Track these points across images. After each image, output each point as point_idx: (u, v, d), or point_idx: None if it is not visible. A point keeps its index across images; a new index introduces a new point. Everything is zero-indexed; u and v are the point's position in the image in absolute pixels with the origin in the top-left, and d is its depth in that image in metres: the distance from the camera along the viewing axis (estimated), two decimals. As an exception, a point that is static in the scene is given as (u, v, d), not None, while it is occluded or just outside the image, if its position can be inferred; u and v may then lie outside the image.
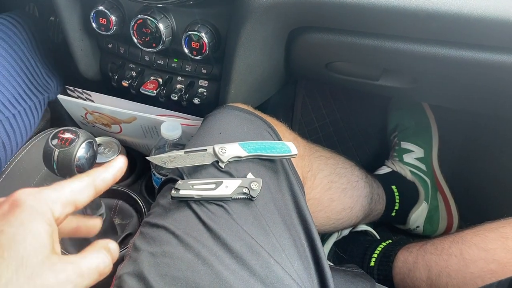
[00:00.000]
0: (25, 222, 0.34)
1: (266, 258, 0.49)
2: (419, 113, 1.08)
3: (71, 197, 0.38)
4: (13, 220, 0.34)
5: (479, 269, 0.63)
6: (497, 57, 0.55)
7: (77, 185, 0.39)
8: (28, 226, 0.34)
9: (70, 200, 0.38)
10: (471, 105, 0.81)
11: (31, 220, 0.34)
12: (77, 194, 0.39)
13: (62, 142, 0.50)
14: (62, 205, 0.37)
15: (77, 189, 0.39)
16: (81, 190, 0.40)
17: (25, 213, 0.34)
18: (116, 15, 0.69)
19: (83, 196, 0.40)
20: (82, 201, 0.39)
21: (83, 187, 0.40)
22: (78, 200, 0.39)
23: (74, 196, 0.39)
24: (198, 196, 0.51)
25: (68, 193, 0.38)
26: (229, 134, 0.60)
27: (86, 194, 0.40)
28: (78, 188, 0.39)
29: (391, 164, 1.01)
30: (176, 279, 0.46)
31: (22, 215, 0.34)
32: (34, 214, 0.35)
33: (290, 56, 0.72)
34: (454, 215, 1.01)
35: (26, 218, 0.34)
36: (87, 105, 0.81)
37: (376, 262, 0.81)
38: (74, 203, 0.38)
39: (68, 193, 0.38)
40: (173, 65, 0.74)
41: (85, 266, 0.36)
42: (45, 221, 0.35)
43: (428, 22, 0.53)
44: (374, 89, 0.79)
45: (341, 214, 0.79)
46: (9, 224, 0.33)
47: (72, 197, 0.38)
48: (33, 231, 0.34)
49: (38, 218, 0.35)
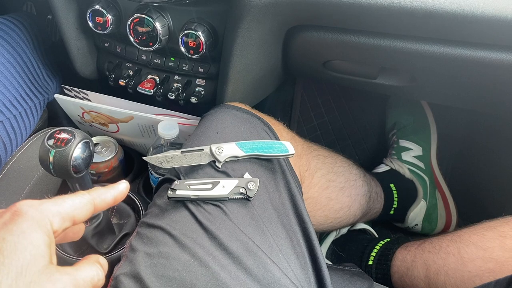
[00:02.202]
0: (26, 231, 0.35)
1: (263, 258, 0.49)
2: (417, 111, 1.08)
3: (70, 212, 0.39)
4: (14, 229, 0.34)
5: (477, 267, 0.63)
6: (495, 55, 0.55)
7: (77, 201, 0.40)
8: (28, 236, 0.35)
9: (70, 215, 0.39)
10: (470, 103, 0.81)
11: (31, 231, 0.35)
12: (76, 210, 0.40)
13: (58, 142, 0.50)
14: (62, 219, 0.38)
15: (77, 205, 0.40)
16: (81, 207, 0.40)
17: (26, 223, 0.35)
18: (113, 14, 0.68)
19: (82, 212, 0.41)
20: (81, 217, 0.40)
21: (83, 204, 0.41)
22: (77, 216, 0.40)
23: (74, 211, 0.40)
24: (194, 196, 0.51)
25: (68, 208, 0.39)
26: (226, 133, 0.60)
27: (85, 211, 0.41)
28: (78, 205, 0.40)
29: (389, 162, 1.01)
30: (173, 279, 0.46)
31: (23, 224, 0.35)
32: (35, 225, 0.35)
33: (287, 55, 0.72)
34: (453, 213, 1.01)
35: (27, 228, 0.35)
36: (84, 104, 0.81)
37: (374, 260, 0.81)
38: (72, 218, 0.39)
39: (68, 208, 0.39)
40: (170, 64, 0.73)
41: (81, 278, 0.37)
42: (45, 232, 0.36)
43: (426, 20, 0.53)
44: (372, 88, 0.79)
45: (339, 213, 0.79)
46: (11, 232, 0.34)
47: (72, 213, 0.39)
48: (33, 241, 0.35)
49: (38, 229, 0.35)
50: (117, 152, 0.83)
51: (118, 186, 0.45)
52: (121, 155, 0.84)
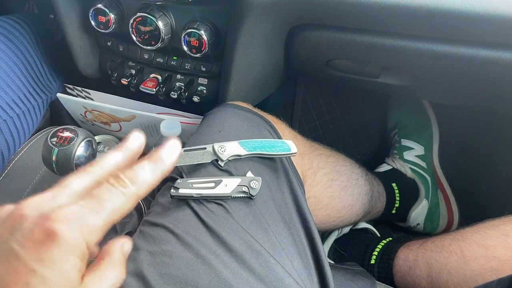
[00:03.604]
0: (57, 262, 0.30)
1: (265, 257, 0.49)
2: (419, 111, 1.08)
3: (110, 221, 0.33)
4: (45, 258, 0.30)
5: (479, 266, 0.63)
6: (497, 54, 0.55)
7: (120, 201, 0.34)
8: (60, 267, 0.31)
9: (108, 224, 0.33)
10: (472, 102, 0.81)
11: (64, 260, 0.31)
12: (117, 216, 0.34)
13: (61, 140, 0.50)
14: (99, 233, 0.33)
15: (119, 208, 0.34)
16: (122, 207, 0.34)
17: (59, 250, 0.30)
18: (115, 13, 0.68)
19: (123, 213, 0.34)
20: (117, 220, 0.34)
21: (125, 202, 0.34)
22: (115, 221, 0.34)
23: (114, 218, 0.34)
24: (197, 195, 0.51)
25: (108, 217, 0.33)
26: (229, 132, 0.60)
27: (126, 210, 0.35)
28: (121, 208, 0.34)
29: (391, 162, 1.01)
30: (175, 278, 0.46)
31: (56, 253, 0.30)
32: (69, 251, 0.31)
33: (290, 54, 0.72)
34: (455, 212, 1.01)
35: (59, 258, 0.30)
36: (87, 103, 0.81)
37: (376, 259, 0.81)
38: (110, 225, 0.34)
39: (108, 216, 0.33)
40: (173, 63, 0.73)
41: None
42: (78, 256, 0.31)
43: (429, 19, 0.53)
44: (374, 87, 0.79)
45: (341, 212, 0.79)
46: (42, 263, 0.30)
47: (112, 221, 0.33)
48: (64, 274, 0.31)
49: (71, 256, 0.31)
50: (119, 151, 0.83)
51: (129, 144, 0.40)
52: (123, 154, 0.84)
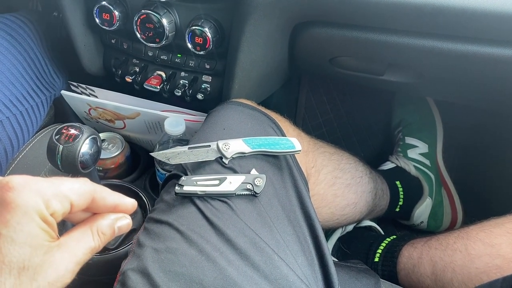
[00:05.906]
0: (22, 222, 0.33)
1: (270, 254, 0.49)
2: (423, 108, 1.07)
3: (68, 196, 0.36)
4: (10, 221, 0.33)
5: (484, 264, 0.63)
6: (504, 52, 0.55)
7: (77, 186, 0.37)
8: (25, 227, 0.33)
9: (68, 199, 0.36)
10: (477, 100, 0.81)
11: (28, 220, 0.33)
12: (74, 196, 0.37)
13: (66, 138, 0.50)
14: (59, 202, 0.35)
15: (76, 191, 0.37)
16: (80, 193, 0.37)
17: (20, 210, 0.33)
18: (120, 11, 0.68)
19: (80, 200, 0.37)
20: (78, 204, 0.37)
21: (82, 191, 0.37)
22: (75, 202, 0.37)
23: (72, 196, 0.36)
24: (201, 192, 0.51)
25: (66, 191, 0.36)
26: (233, 130, 0.60)
27: (83, 199, 0.37)
28: (77, 190, 0.37)
29: (395, 160, 1.00)
30: (180, 275, 0.46)
31: (18, 214, 0.33)
32: (31, 211, 0.33)
33: (294, 51, 0.72)
34: (459, 210, 1.01)
35: (22, 218, 0.33)
36: (91, 101, 0.81)
37: (380, 257, 0.81)
38: (70, 202, 0.36)
39: (66, 191, 0.36)
40: (177, 61, 0.73)
41: (80, 252, 0.37)
42: (41, 217, 0.34)
43: (434, 16, 0.53)
44: (378, 84, 0.79)
45: (345, 209, 0.78)
46: (6, 225, 0.33)
47: (70, 196, 0.36)
48: (31, 232, 0.33)
49: (35, 216, 0.34)
50: (124, 149, 0.83)
51: (125, 198, 0.42)
52: (127, 152, 0.84)
